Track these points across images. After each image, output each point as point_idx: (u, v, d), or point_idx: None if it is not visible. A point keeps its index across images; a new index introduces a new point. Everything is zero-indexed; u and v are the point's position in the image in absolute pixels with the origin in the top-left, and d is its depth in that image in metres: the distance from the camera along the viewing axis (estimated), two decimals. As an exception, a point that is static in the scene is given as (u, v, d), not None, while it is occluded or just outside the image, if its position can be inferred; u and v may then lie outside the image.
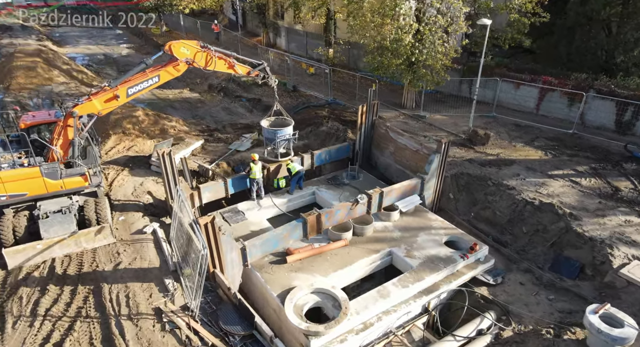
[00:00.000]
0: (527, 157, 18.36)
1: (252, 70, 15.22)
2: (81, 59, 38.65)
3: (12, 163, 12.57)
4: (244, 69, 15.07)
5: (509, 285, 13.55)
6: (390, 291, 12.17)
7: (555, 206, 14.86)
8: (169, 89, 31.03)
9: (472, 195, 16.78)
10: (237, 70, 14.94)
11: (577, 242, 13.82)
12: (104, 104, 13.27)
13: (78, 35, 44.16)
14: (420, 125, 21.28)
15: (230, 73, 15.26)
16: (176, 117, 23.86)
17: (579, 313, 12.23)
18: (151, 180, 16.78)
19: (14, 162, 12.56)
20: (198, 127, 22.71)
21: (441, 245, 13.98)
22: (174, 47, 13.58)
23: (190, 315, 10.69)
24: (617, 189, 16.01)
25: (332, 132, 20.15)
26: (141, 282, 11.74)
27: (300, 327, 10.71)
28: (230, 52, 14.78)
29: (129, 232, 13.85)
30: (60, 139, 13.20)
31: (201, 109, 26.78)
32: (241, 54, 17.93)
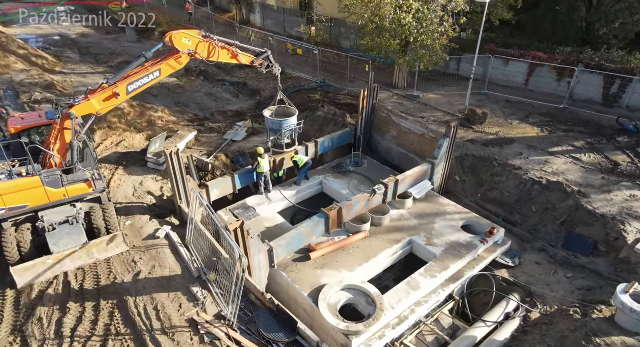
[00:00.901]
0: (525, 134, 18.61)
1: (255, 59, 14.41)
2: (34, 41, 35.53)
3: (8, 173, 11.46)
4: (247, 58, 14.25)
5: (527, 266, 13.92)
6: (419, 282, 12.20)
7: (563, 184, 15.21)
8: (142, 74, 29.33)
9: (478, 176, 16.92)
10: (241, 60, 14.12)
11: (589, 219, 14.24)
12: (103, 103, 12.24)
13: (24, 11, 40.40)
14: (415, 106, 21.10)
15: (234, 63, 14.41)
16: (158, 105, 22.56)
17: (598, 289, 12.78)
18: (150, 178, 15.89)
19: (10, 172, 11.45)
20: (185, 116, 21.61)
21: (459, 230, 14.09)
22: (175, 39, 12.59)
23: (227, 324, 10.31)
24: (616, 163, 16.54)
25: (330, 118, 19.68)
26: (167, 293, 11.19)
27: (340, 327, 10.59)
28: (233, 41, 13.89)
29: (140, 238, 13.12)
30: (58, 143, 12.12)
31: (182, 95, 25.47)
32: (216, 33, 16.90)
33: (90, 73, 30.02)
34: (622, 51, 21.73)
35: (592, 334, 10.84)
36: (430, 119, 19.69)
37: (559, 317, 11.78)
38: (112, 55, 32.65)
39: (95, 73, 29.94)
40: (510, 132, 18.76)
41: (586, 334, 10.84)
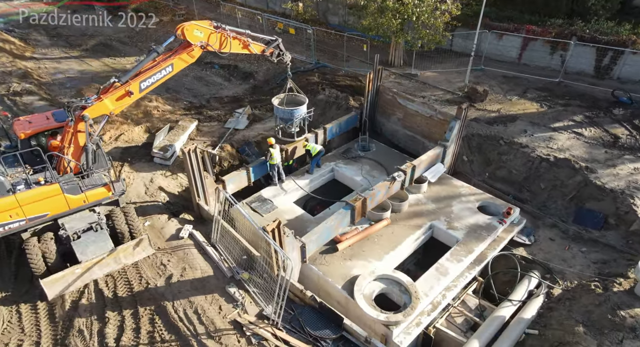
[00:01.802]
0: (525, 111, 18.93)
1: (266, 48, 13.92)
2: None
3: (26, 181, 10.88)
4: (258, 47, 13.76)
5: (541, 242, 14.46)
6: (447, 267, 12.51)
7: (571, 161, 15.68)
8: (122, 57, 28.06)
9: (485, 155, 17.21)
10: (252, 50, 13.63)
11: (598, 194, 14.80)
12: (116, 102, 11.68)
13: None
14: (414, 85, 21.03)
15: (245, 53, 13.88)
16: (150, 94, 21.63)
17: (612, 262, 13.45)
18: (160, 175, 15.43)
19: (27, 181, 10.86)
20: (180, 104, 20.86)
21: (476, 212, 14.42)
22: (187, 31, 12.00)
23: (272, 324, 10.37)
24: (616, 136, 17.12)
25: (332, 101, 19.39)
26: (203, 295, 11.09)
27: (380, 318, 10.82)
28: (244, 30, 13.34)
29: (164, 239, 12.84)
30: (72, 146, 11.54)
31: (170, 80, 24.23)
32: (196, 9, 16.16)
33: (65, 58, 28.42)
34: (610, 22, 22.10)
35: (616, 307, 11.48)
36: (431, 98, 19.70)
37: (581, 292, 12.38)
38: (85, 37, 30.87)
39: (70, 57, 28.37)
40: (511, 109, 19.03)
41: (611, 307, 11.47)
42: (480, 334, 11.64)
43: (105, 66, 26.91)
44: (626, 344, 10.66)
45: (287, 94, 15.82)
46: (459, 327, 12.30)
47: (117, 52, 29.01)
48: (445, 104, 19.31)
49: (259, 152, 17.55)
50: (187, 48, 12.38)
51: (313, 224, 13.90)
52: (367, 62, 22.29)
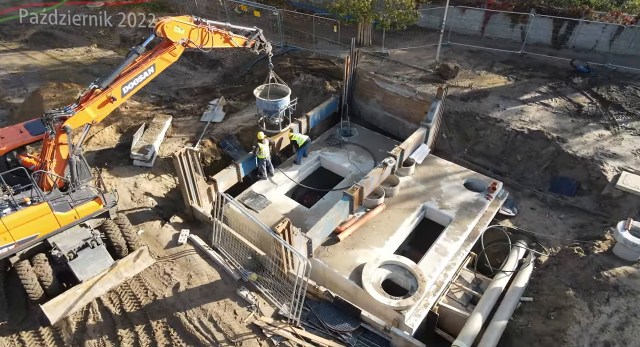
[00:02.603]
0: (495, 84, 19.57)
1: (247, 40, 13.44)
2: None
3: (9, 203, 10.11)
4: (240, 40, 13.27)
5: (524, 212, 15.32)
6: (445, 247, 13.04)
7: (543, 132, 16.52)
8: (70, 48, 26.11)
9: (463, 132, 17.76)
10: (234, 43, 13.12)
11: (570, 163, 15.76)
12: (98, 110, 10.98)
13: None
14: (386, 65, 21.10)
15: (227, 47, 13.32)
16: (112, 89, 20.35)
17: (589, 226, 14.49)
18: (143, 178, 14.80)
19: (12, 202, 10.10)
20: (148, 99, 19.86)
21: (464, 190, 14.99)
22: (167, 29, 11.34)
23: (290, 323, 10.48)
24: (579, 105, 18.14)
25: (308, 87, 19.14)
26: (215, 301, 10.98)
27: (392, 305, 11.20)
28: (224, 23, 12.78)
29: (162, 247, 12.47)
30: (54, 161, 10.80)
31: (129, 72, 23.05)
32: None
33: (2, 52, 26.03)
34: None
35: (599, 268, 12.49)
36: (405, 78, 19.91)
37: (566, 257, 13.34)
38: (21, 26, 28.32)
39: (7, 51, 26.02)
40: (482, 84, 19.60)
41: (595, 269, 12.46)
42: (481, 307, 12.31)
43: (52, 59, 24.97)
44: (612, 301, 11.67)
45: (268, 85, 15.43)
46: (459, 302, 12.93)
47: (63, 42, 26.89)
48: (419, 83, 19.59)
49: (241, 145, 17.20)
50: (168, 47, 11.74)
51: (309, 216, 13.98)
52: (338, 43, 22.05)
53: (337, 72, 20.19)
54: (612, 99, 18.36)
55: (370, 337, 10.35)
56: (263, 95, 15.22)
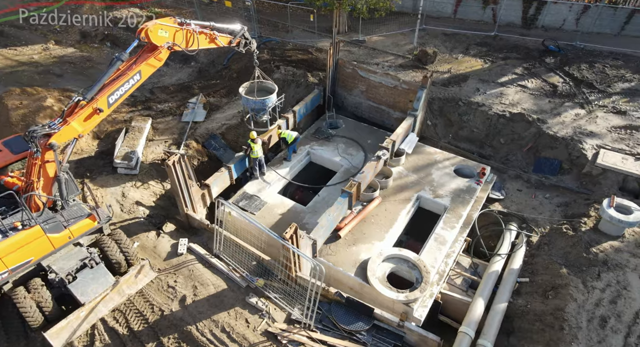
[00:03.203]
0: (473, 68, 19.83)
1: (233, 38, 12.97)
2: None
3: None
4: (225, 39, 12.81)
5: (511, 194, 15.79)
6: (444, 236, 13.32)
7: (524, 114, 16.94)
8: (24, 46, 24.39)
9: (447, 118, 17.98)
10: (219, 43, 12.66)
11: (551, 143, 16.29)
12: (85, 123, 10.43)
13: None
14: (364, 52, 20.92)
15: (212, 47, 12.81)
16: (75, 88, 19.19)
17: (573, 203, 15.11)
18: (130, 187, 14.23)
19: (2, 228, 9.50)
20: (121, 100, 18.89)
21: (455, 177, 15.27)
22: (152, 33, 10.79)
23: (304, 327, 10.49)
24: (554, 85, 18.67)
25: (289, 79, 18.75)
26: (225, 311, 10.82)
27: (400, 298, 11.39)
28: (208, 22, 12.26)
29: (161, 259, 12.12)
30: (41, 179, 10.20)
31: (95, 70, 21.92)
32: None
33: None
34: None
35: (588, 245, 13.11)
36: (385, 65, 19.85)
37: (556, 236, 13.90)
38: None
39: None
40: (460, 68, 19.81)
41: (584, 247, 13.07)
42: (482, 291, 12.72)
43: (6, 60, 23.25)
44: (603, 276, 12.30)
45: (253, 82, 14.98)
46: (459, 288, 13.31)
47: (15, 40, 25.07)
48: (399, 70, 19.59)
49: (227, 144, 16.79)
50: (153, 51, 11.20)
51: (307, 214, 13.91)
52: (314, 32, 21.65)
53: (317, 62, 19.88)
54: (584, 77, 18.99)
55: (385, 334, 10.52)
56: (249, 92, 14.80)
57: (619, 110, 17.29)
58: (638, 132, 16.30)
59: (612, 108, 17.42)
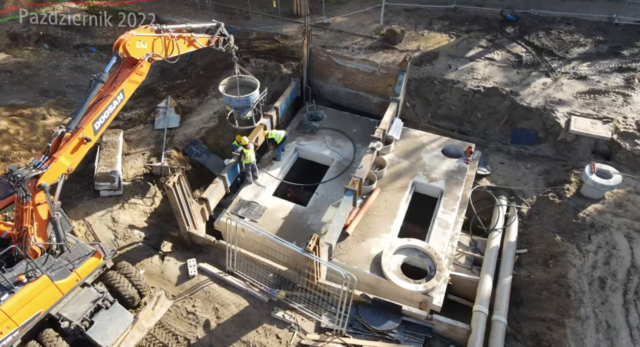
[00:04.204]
0: (440, 44, 19.98)
1: (211, 38, 12.16)
2: None
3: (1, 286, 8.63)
4: (203, 40, 11.98)
5: (496, 168, 16.40)
6: (446, 220, 13.70)
7: (498, 88, 17.43)
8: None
9: (424, 97, 18.16)
10: (198, 45, 11.84)
11: (526, 114, 16.94)
12: (72, 156, 9.55)
13: None
14: (331, 36, 20.42)
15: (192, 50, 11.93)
16: (31, 105, 17.47)
17: (552, 171, 15.95)
18: (117, 209, 13.33)
19: (7, 284, 8.62)
20: (81, 110, 17.34)
21: (444, 158, 15.60)
22: (130, 46, 9.87)
23: (336, 334, 10.55)
24: (518, 56, 19.27)
25: (262, 72, 17.98)
26: (253, 330, 10.63)
27: (419, 289, 11.71)
28: (184, 24, 11.41)
29: (172, 284, 11.59)
30: (35, 224, 9.29)
31: (39, 78, 19.93)
32: None
33: None
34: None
35: (575, 211, 14.00)
36: (354, 48, 19.55)
37: (544, 205, 14.71)
38: None
39: None
40: (428, 45, 19.89)
41: (572, 213, 13.95)
42: (487, 268, 13.31)
43: None
44: (593, 239, 13.25)
45: (232, 78, 14.12)
46: (464, 267, 13.84)
47: None
48: (370, 52, 19.38)
49: (208, 148, 16.05)
50: (133, 66, 10.27)
51: (310, 214, 13.76)
52: (276, 17, 20.77)
53: (285, 50, 19.19)
54: (544, 45, 19.71)
55: (414, 328, 10.82)
56: (229, 89, 13.95)
57: (580, 75, 18.21)
58: (600, 96, 17.32)
59: (574, 74, 18.30)
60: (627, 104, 16.91)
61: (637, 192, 14.51)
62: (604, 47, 19.54)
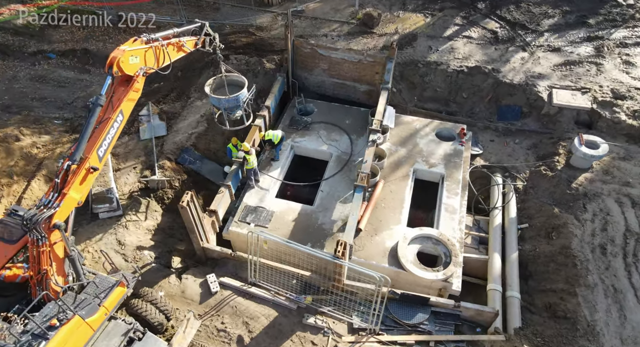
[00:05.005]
0: (417, 24, 19.94)
1: (198, 39, 11.57)
2: None
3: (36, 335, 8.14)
4: (191, 43, 11.41)
5: (487, 146, 16.84)
6: (452, 204, 14.02)
7: (480, 67, 17.71)
8: None
9: (409, 81, 18.20)
10: (187, 49, 11.28)
11: (510, 91, 17.37)
12: (81, 188, 9.00)
13: None
14: (307, 24, 19.90)
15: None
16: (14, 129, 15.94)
17: (540, 144, 16.55)
18: (121, 231, 12.75)
19: (41, 332, 8.13)
20: (55, 127, 16.18)
21: (439, 142, 15.82)
22: (124, 63, 9.30)
23: (370, 333, 10.72)
24: (494, 32, 19.57)
25: (244, 69, 17.28)
26: (288, 339, 10.63)
27: (439, 277, 12.04)
28: (171, 30, 10.78)
29: (196, 303, 11.32)
30: (53, 264, 8.77)
31: (3, 94, 18.30)
32: None
33: None
34: None
35: (567, 182, 14.70)
36: (333, 36, 19.18)
37: (538, 179, 15.32)
38: None
39: None
40: (406, 26, 19.80)
41: (565, 184, 14.63)
42: (494, 246, 13.83)
43: None
44: (588, 208, 14.01)
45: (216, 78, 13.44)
46: (471, 247, 14.30)
47: None
48: (349, 38, 19.10)
49: (201, 154, 15.51)
50: (128, 83, 9.69)
51: (318, 213, 13.71)
52: (246, 7, 19.97)
53: (263, 43, 18.57)
54: (515, 19, 20.10)
55: (443, 317, 11.15)
56: (216, 89, 13.28)
57: (554, 47, 18.79)
58: (575, 67, 17.99)
59: (548, 46, 18.85)
60: (600, 73, 17.66)
61: (620, 158, 15.38)
62: (571, 17, 20.17)
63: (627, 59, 18.18)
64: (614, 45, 18.75)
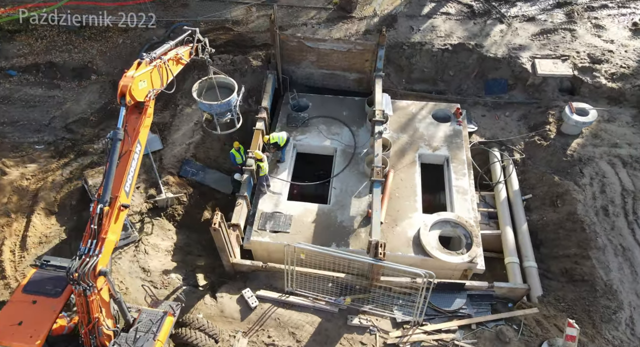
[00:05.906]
0: (394, 4, 19.71)
1: (191, 48, 11.02)
2: None
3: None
4: (186, 53, 10.86)
5: (479, 122, 17.27)
6: (462, 186, 14.41)
7: (464, 43, 17.91)
8: None
9: (396, 64, 18.18)
10: (184, 61, 10.75)
11: (494, 65, 17.74)
12: (116, 227, 8.64)
13: None
14: (283, 13, 19.22)
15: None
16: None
17: (529, 114, 17.14)
18: (142, 257, 12.31)
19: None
20: (38, 153, 15.07)
21: (438, 124, 16.06)
22: (135, 90, 8.83)
23: (414, 325, 11.06)
24: (469, 6, 19.71)
25: (231, 69, 16.65)
26: (337, 343, 10.79)
27: (465, 260, 12.49)
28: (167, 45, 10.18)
29: (238, 320, 11.21)
30: (103, 310, 8.44)
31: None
32: None
33: None
34: None
35: (562, 150, 15.42)
36: (313, 24, 18.73)
37: (534, 150, 15.96)
38: None
39: None
40: (383, 7, 19.57)
41: (560, 152, 15.35)
42: (504, 220, 14.44)
43: None
44: (585, 172, 14.82)
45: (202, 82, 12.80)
46: (482, 223, 14.83)
47: None
48: (329, 25, 18.74)
49: (202, 164, 15.04)
50: (140, 110, 9.21)
51: (336, 211, 13.75)
52: (217, 0, 19.06)
53: (244, 39, 17.89)
54: (487, -11, 20.32)
55: (478, 299, 11.65)
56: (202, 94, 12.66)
57: (529, 17, 19.23)
58: (552, 35, 18.54)
59: (523, 16, 19.27)
60: (575, 39, 18.31)
61: (605, 121, 16.25)
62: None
63: (596, 23, 18.90)
64: (582, 9, 19.41)
